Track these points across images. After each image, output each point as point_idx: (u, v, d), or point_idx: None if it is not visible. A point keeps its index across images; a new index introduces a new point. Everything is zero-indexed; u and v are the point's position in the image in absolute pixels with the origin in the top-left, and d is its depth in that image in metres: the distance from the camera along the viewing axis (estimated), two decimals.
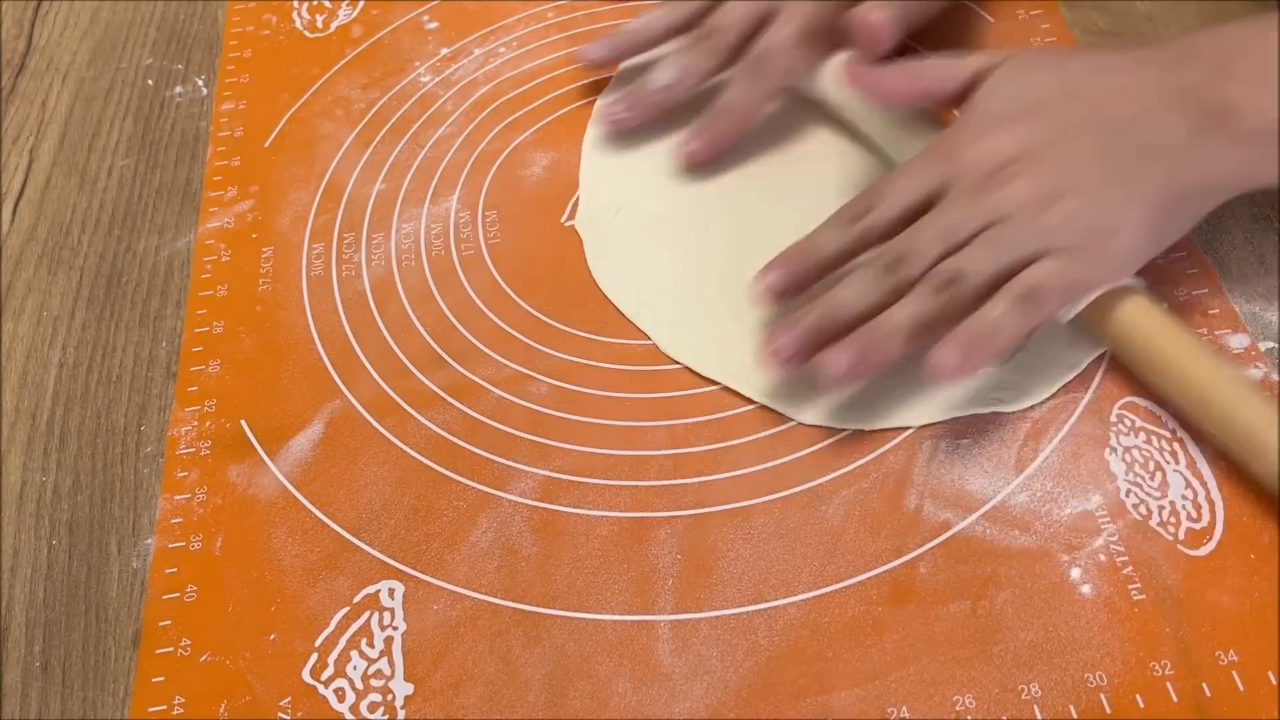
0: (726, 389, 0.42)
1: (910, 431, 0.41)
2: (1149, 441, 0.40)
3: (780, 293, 0.41)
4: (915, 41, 0.53)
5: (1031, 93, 0.41)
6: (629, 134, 0.51)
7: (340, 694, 0.36)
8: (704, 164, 0.49)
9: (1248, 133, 0.38)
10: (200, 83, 0.56)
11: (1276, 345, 0.42)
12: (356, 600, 0.38)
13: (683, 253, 0.47)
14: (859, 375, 0.38)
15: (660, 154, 0.50)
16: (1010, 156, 0.39)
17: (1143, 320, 0.39)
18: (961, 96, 0.42)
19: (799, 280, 0.41)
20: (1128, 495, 0.39)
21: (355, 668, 0.37)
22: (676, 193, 0.49)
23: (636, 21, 0.51)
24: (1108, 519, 0.38)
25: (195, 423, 0.43)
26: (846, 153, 0.49)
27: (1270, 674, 0.35)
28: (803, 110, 0.51)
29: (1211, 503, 0.38)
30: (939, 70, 0.43)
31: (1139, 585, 0.37)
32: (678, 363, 0.43)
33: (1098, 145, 0.39)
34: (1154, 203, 0.38)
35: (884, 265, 0.39)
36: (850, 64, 0.44)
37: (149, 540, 0.40)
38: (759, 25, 0.48)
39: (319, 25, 0.58)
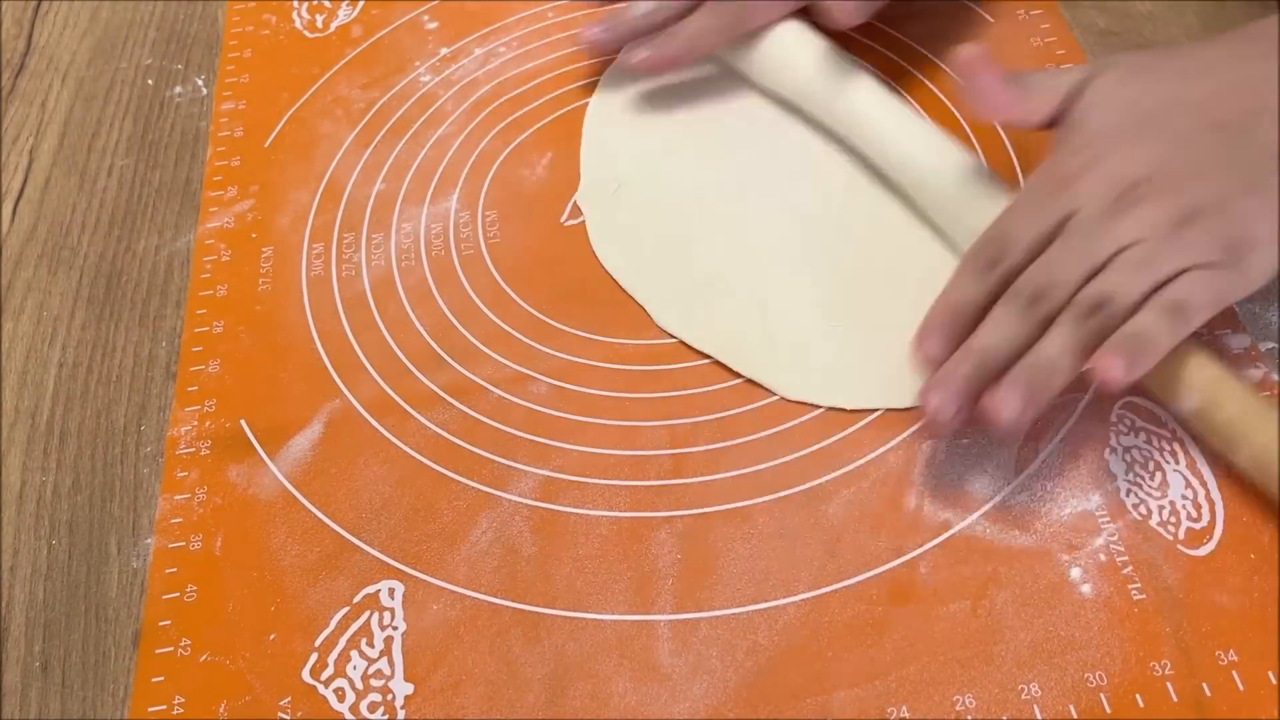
0: (725, 385, 0.42)
1: (907, 434, 0.41)
2: (1149, 441, 0.40)
3: (941, 359, 0.38)
4: (915, 41, 0.53)
5: (1136, 106, 0.39)
6: (630, 92, 0.52)
7: (340, 694, 0.36)
8: (642, 75, 0.51)
9: None
10: (200, 83, 0.56)
11: (1276, 345, 0.42)
12: (356, 600, 0.38)
13: (680, 228, 0.47)
14: (1030, 415, 0.36)
15: (661, 132, 0.51)
16: (1133, 177, 0.37)
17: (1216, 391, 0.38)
18: (1055, 116, 0.41)
19: (955, 343, 0.38)
20: (1128, 495, 0.39)
21: (355, 668, 0.37)
22: (676, 170, 0.50)
23: (637, 6, 0.51)
24: (1108, 519, 0.38)
25: (195, 422, 0.43)
26: (831, 140, 0.50)
27: (1270, 674, 0.35)
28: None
29: (1211, 502, 0.38)
30: (1044, 86, 0.41)
31: (1139, 585, 0.37)
32: (671, 336, 0.44)
33: (1219, 152, 0.38)
34: None
35: (1025, 301, 0.37)
36: (969, 58, 0.40)
37: (149, 540, 0.40)
38: None
39: (319, 25, 0.58)
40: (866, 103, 0.47)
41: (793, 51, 0.49)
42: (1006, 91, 0.41)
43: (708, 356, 0.43)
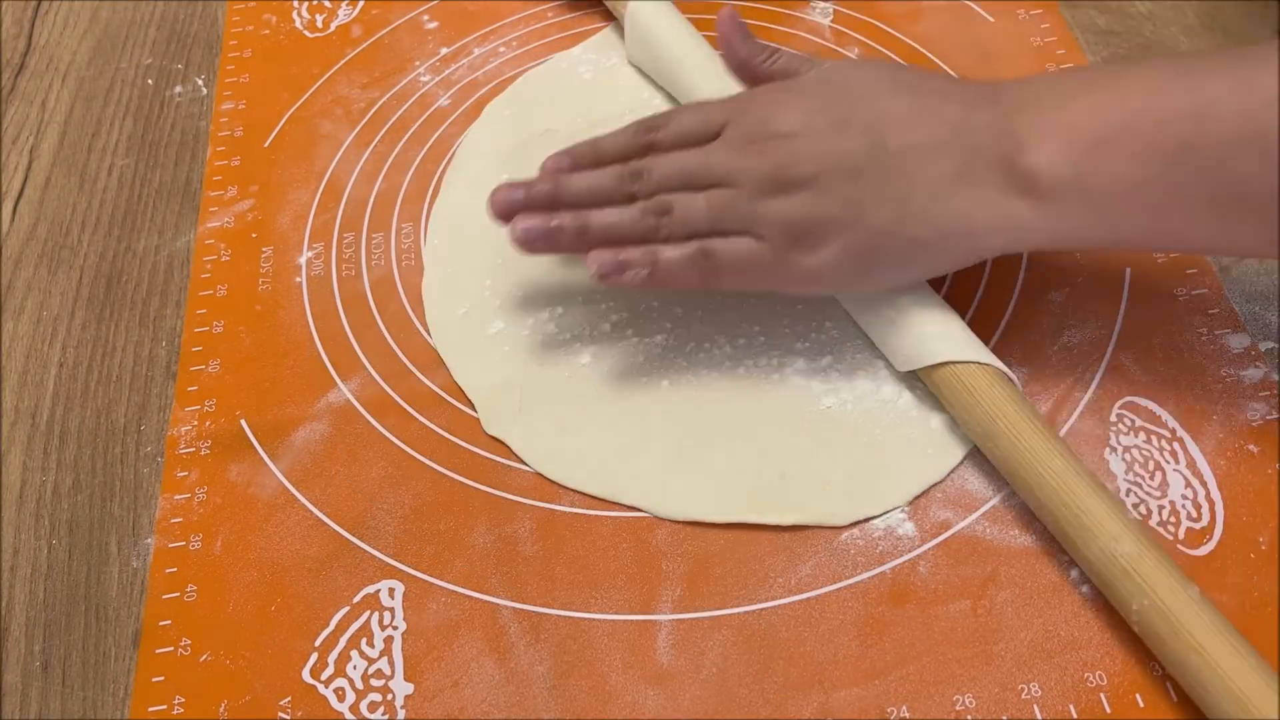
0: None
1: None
2: (1149, 441, 0.40)
3: (559, 171, 0.42)
4: (916, 41, 0.53)
5: (841, 85, 0.40)
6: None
7: (340, 693, 0.36)
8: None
9: (1018, 183, 0.36)
10: (200, 82, 0.56)
11: (1276, 345, 0.42)
12: (356, 600, 0.38)
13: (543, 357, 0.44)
14: (534, 244, 0.40)
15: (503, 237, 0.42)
16: (783, 131, 0.39)
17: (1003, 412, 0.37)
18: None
19: (572, 164, 0.42)
20: (1128, 495, 0.39)
21: (355, 667, 0.37)
22: (520, 280, 0.46)
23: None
24: None
25: (195, 422, 0.43)
26: None
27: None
28: None
29: (1211, 502, 0.38)
30: (785, 65, 0.43)
31: None
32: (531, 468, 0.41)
33: (859, 157, 0.38)
34: (872, 237, 0.37)
35: (624, 173, 0.41)
36: (726, 13, 0.44)
37: (149, 540, 0.40)
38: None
39: (319, 25, 0.58)
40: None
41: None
42: (748, 52, 0.44)
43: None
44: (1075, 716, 0.34)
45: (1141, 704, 0.34)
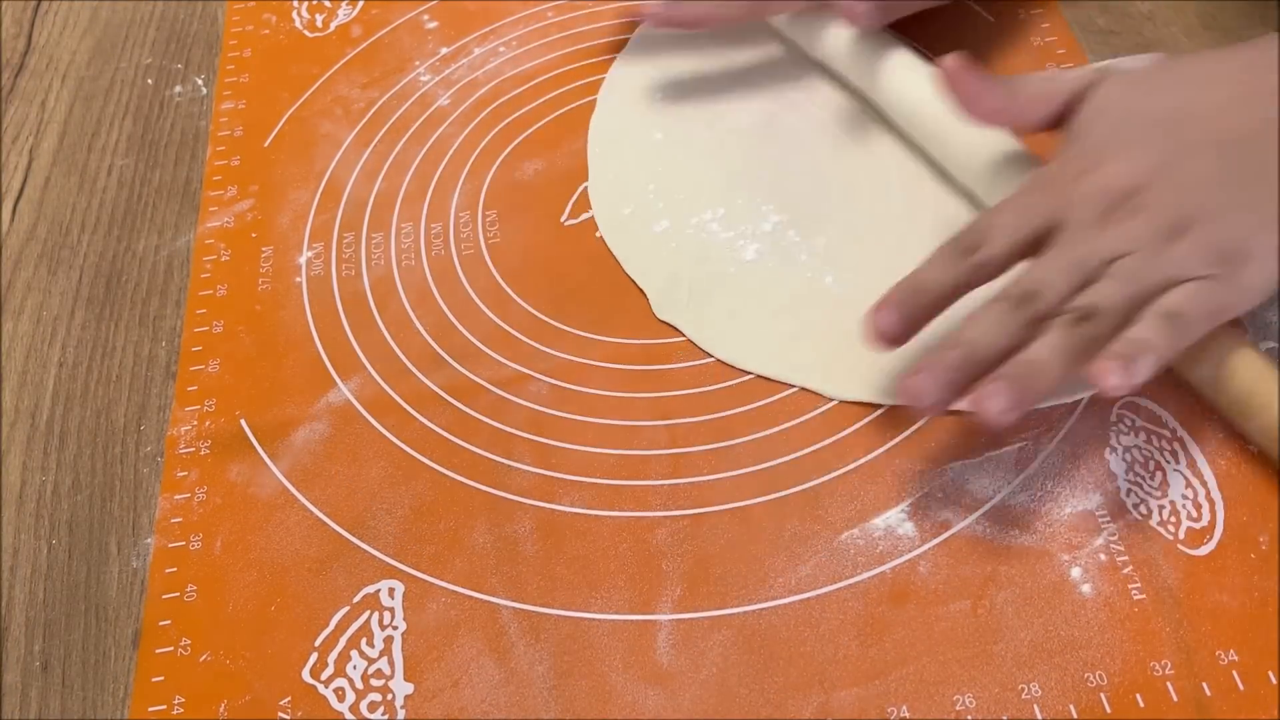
0: (725, 385, 0.43)
1: (908, 433, 0.41)
2: (1149, 441, 0.40)
3: (895, 336, 0.38)
4: (915, 40, 0.53)
5: (1139, 116, 0.39)
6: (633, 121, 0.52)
7: (340, 693, 0.36)
8: (659, 28, 0.53)
9: None
10: (200, 82, 0.56)
11: (1277, 345, 0.42)
12: (356, 600, 0.38)
13: (691, 217, 0.48)
14: (1015, 413, 0.35)
15: (673, 121, 0.52)
16: (1128, 188, 0.37)
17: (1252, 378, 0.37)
18: (1058, 120, 0.41)
19: (913, 322, 0.38)
20: (1128, 495, 0.39)
21: (355, 667, 0.37)
22: (689, 160, 0.50)
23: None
24: (1108, 518, 0.38)
25: (195, 422, 0.43)
26: (876, 140, 0.50)
27: (1270, 674, 0.35)
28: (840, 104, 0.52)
29: (1211, 502, 0.38)
30: (1038, 90, 0.41)
31: (1139, 585, 0.37)
32: (675, 332, 0.45)
33: (1218, 166, 0.37)
34: None
35: (1014, 303, 0.37)
36: (953, 66, 0.41)
37: (149, 540, 0.40)
38: None
39: (319, 25, 0.58)
40: (904, 71, 0.48)
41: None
42: (995, 95, 0.41)
43: (709, 355, 0.43)
44: (1075, 716, 0.34)
45: (1141, 704, 0.34)
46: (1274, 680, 0.34)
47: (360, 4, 0.59)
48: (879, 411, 0.41)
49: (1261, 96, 0.38)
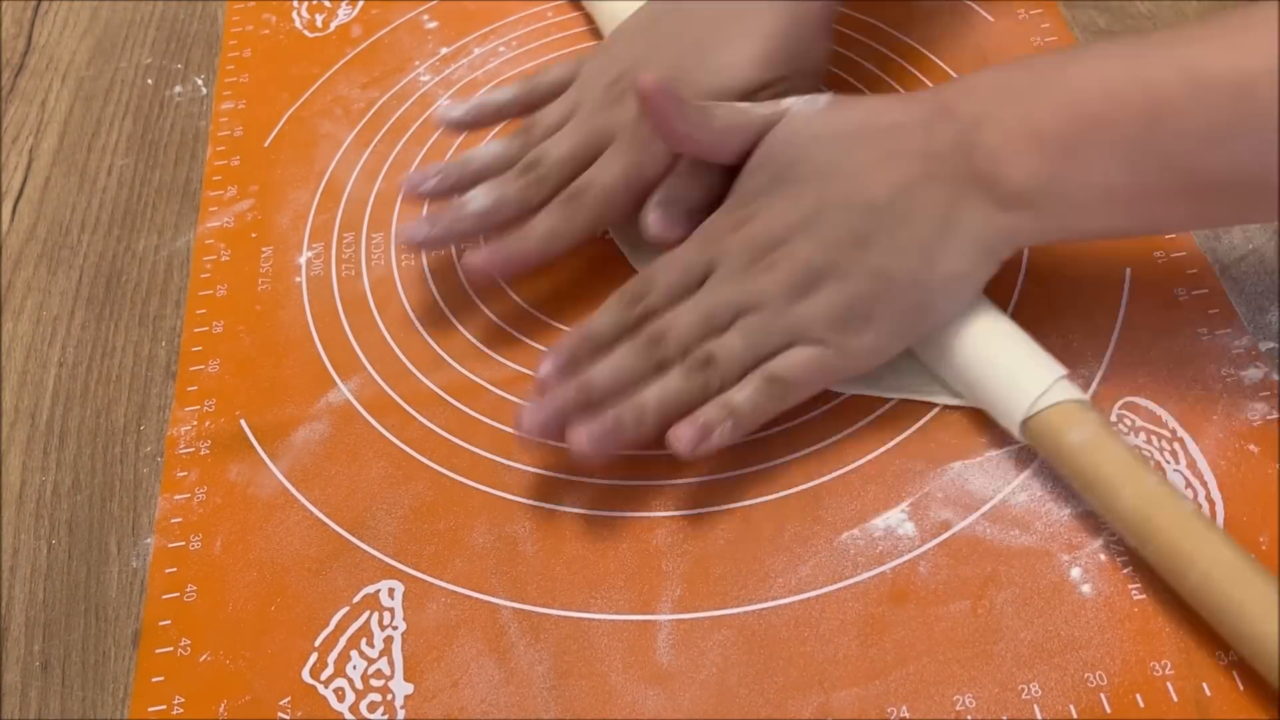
0: None
1: (909, 433, 0.41)
2: (1149, 441, 0.40)
3: (555, 380, 0.38)
4: (916, 41, 0.53)
5: (799, 166, 0.39)
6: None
7: (340, 694, 0.36)
8: (485, 282, 0.46)
9: (1005, 200, 0.37)
10: (200, 82, 0.56)
11: (1276, 345, 0.42)
12: (356, 600, 0.38)
13: None
14: (603, 449, 0.37)
15: None
16: (770, 241, 0.39)
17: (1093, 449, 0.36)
18: (747, 154, 0.41)
19: (570, 365, 0.39)
20: None
21: (355, 667, 0.37)
22: None
23: (473, 200, 0.44)
24: None
25: (195, 422, 0.43)
26: None
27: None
28: None
29: (1211, 502, 0.38)
30: (730, 121, 0.41)
31: (1139, 585, 0.37)
32: None
33: (854, 228, 0.38)
34: (908, 291, 0.38)
35: (642, 344, 0.38)
36: (650, 87, 0.39)
37: (149, 540, 0.40)
38: (587, 162, 0.44)
39: (318, 25, 0.58)
40: None
41: None
42: (687, 121, 0.40)
43: None
44: (1075, 716, 0.34)
45: (1141, 704, 0.34)
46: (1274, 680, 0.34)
47: (360, 4, 0.59)
48: (879, 411, 0.41)
49: (904, 158, 0.38)
